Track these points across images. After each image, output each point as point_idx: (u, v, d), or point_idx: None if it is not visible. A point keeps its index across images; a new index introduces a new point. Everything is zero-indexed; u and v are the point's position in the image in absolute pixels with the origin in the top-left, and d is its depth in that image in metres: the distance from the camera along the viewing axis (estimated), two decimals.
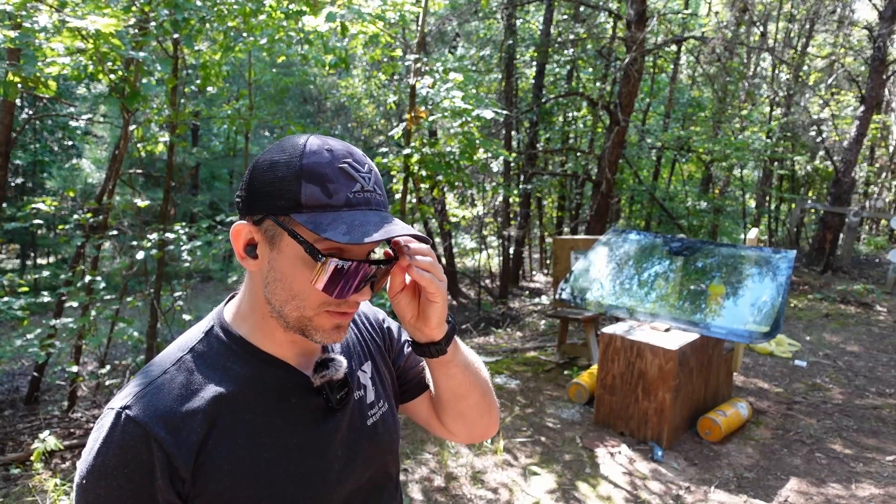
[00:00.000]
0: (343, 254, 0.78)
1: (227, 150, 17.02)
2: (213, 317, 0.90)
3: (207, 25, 4.57)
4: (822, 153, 12.90)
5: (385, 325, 1.09)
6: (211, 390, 0.80)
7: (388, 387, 1.04)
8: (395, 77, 8.79)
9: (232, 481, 0.78)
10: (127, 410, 0.76)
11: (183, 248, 4.40)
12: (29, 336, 4.18)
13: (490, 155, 6.86)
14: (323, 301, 0.80)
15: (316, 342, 0.83)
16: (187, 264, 4.94)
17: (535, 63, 10.46)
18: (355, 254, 0.80)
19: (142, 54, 3.56)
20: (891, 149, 15.58)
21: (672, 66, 13.17)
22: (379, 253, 0.90)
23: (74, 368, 4.51)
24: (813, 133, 12.30)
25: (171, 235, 4.39)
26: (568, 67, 10.97)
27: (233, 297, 0.92)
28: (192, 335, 0.87)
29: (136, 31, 3.95)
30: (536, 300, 9.93)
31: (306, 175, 0.76)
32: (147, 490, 0.74)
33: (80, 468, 0.76)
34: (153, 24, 3.84)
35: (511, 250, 10.91)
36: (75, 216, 4.59)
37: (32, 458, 3.44)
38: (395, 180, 5.93)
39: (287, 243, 0.78)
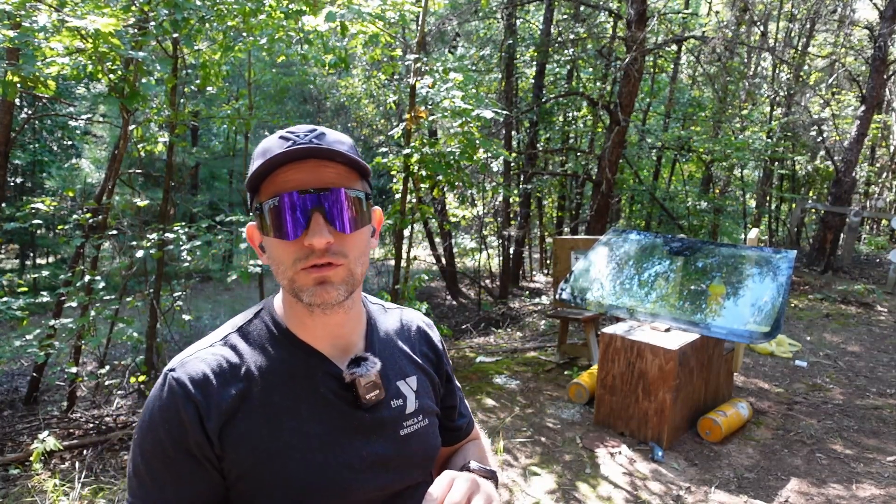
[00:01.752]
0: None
1: (227, 150, 17.02)
2: (265, 301, 0.96)
3: (207, 25, 4.56)
4: (822, 153, 12.88)
5: (440, 347, 1.10)
6: (247, 367, 0.86)
7: (433, 405, 1.03)
8: (395, 77, 8.76)
9: (253, 457, 0.82)
10: (172, 373, 0.83)
11: (182, 248, 4.39)
12: (28, 336, 4.16)
13: (490, 155, 6.85)
14: (294, 257, 0.82)
15: (305, 303, 0.84)
16: (187, 264, 4.92)
17: (535, 63, 10.44)
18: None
19: (141, 54, 3.56)
20: (891, 148, 15.57)
21: (672, 66, 13.16)
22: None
23: (74, 369, 4.51)
24: (813, 133, 12.29)
25: (170, 235, 4.37)
26: (568, 67, 10.95)
27: None
28: (242, 316, 0.94)
29: (136, 30, 3.94)
30: (536, 300, 9.92)
31: (255, 156, 0.86)
32: (184, 445, 0.80)
33: (137, 423, 0.85)
34: (153, 23, 3.83)
35: (511, 250, 10.90)
36: (74, 216, 4.58)
37: (32, 458, 3.43)
38: (395, 180, 5.92)
39: (260, 221, 0.85)
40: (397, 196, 5.69)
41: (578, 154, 11.35)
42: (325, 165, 0.83)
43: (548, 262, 13.16)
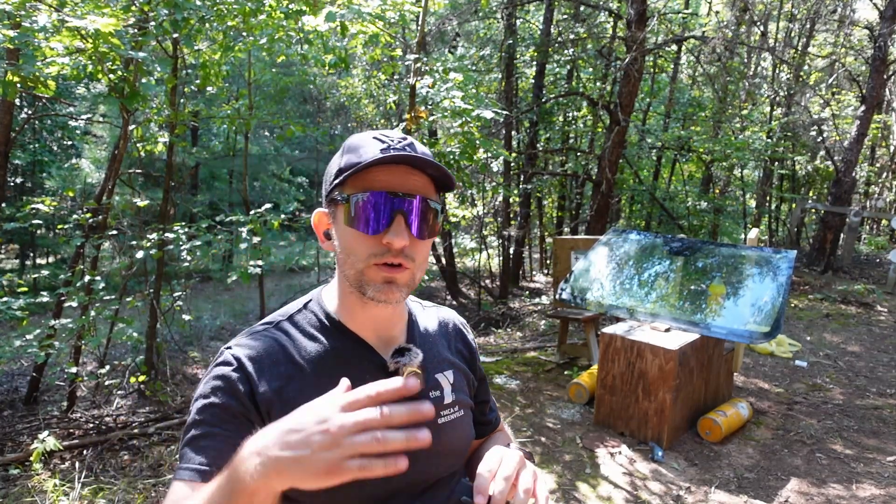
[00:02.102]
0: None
1: (227, 150, 16.99)
2: (314, 292, 1.03)
3: (207, 25, 4.56)
4: (822, 153, 12.89)
5: (473, 345, 1.17)
6: (296, 351, 0.93)
7: (468, 399, 1.09)
8: (395, 77, 8.76)
9: None
10: (229, 350, 0.92)
11: (182, 248, 4.38)
12: (28, 336, 4.16)
13: (490, 155, 6.85)
14: (369, 252, 0.88)
15: (368, 296, 0.90)
16: (187, 264, 4.92)
17: (535, 63, 10.44)
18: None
19: (141, 54, 3.55)
20: (891, 148, 15.57)
21: (672, 66, 13.16)
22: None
23: (74, 369, 4.50)
24: (813, 133, 12.29)
25: (170, 235, 4.37)
26: (568, 67, 10.95)
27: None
28: (293, 305, 1.01)
29: (136, 30, 3.94)
30: (536, 300, 9.92)
31: (346, 150, 0.92)
32: (235, 411, 0.86)
33: (193, 396, 0.91)
34: (153, 23, 3.83)
35: (511, 250, 10.90)
36: (74, 216, 4.57)
37: (32, 458, 3.43)
38: None
39: (338, 210, 0.91)
40: None
41: (578, 154, 11.34)
42: (413, 173, 0.90)
43: (548, 262, 13.16)
